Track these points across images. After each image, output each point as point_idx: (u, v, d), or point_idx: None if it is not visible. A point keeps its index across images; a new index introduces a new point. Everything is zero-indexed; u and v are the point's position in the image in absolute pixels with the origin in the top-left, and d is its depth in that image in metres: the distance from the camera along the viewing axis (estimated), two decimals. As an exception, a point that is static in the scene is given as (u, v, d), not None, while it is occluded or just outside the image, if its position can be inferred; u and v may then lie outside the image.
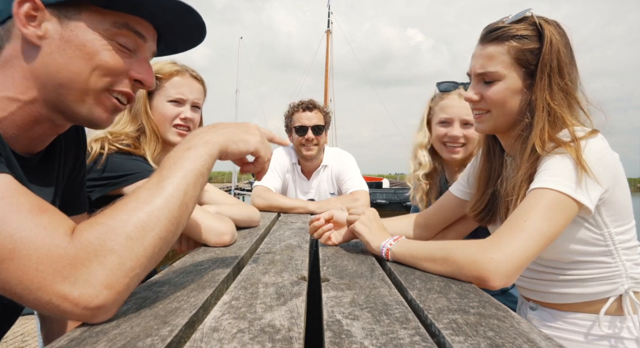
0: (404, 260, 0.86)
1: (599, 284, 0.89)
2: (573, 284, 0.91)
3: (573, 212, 0.79)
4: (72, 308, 0.46)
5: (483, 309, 0.60)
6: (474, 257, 0.74)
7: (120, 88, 0.67)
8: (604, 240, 0.87)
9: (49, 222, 0.48)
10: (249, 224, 1.34)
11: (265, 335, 0.47)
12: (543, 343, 0.48)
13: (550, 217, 0.76)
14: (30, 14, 0.59)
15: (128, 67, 0.66)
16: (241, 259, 0.89)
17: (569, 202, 0.78)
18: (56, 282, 0.45)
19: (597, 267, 0.88)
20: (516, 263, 0.72)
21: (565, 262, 0.90)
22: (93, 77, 0.63)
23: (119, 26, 0.63)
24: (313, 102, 2.19)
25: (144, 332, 0.47)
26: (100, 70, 0.63)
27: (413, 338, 0.48)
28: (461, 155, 1.50)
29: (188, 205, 0.58)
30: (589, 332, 0.89)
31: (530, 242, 0.74)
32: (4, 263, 0.45)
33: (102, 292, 0.47)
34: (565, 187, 0.78)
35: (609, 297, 0.88)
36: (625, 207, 0.88)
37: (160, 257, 0.55)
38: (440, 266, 0.79)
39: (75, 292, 0.46)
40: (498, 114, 0.95)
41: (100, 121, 0.68)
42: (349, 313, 0.56)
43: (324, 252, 1.02)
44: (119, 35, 0.64)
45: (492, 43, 0.92)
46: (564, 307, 0.94)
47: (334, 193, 2.24)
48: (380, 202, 18.50)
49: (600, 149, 0.83)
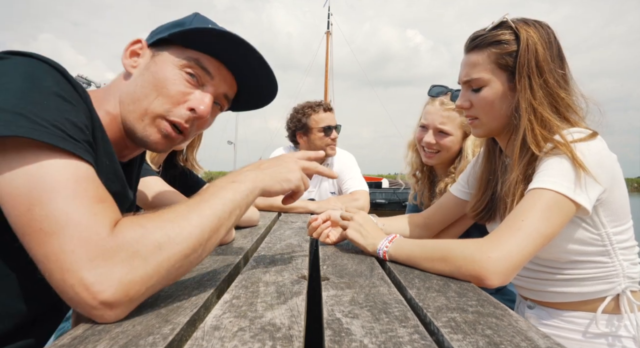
0: (402, 260, 0.87)
1: (596, 283, 0.89)
2: (570, 283, 0.91)
3: (570, 213, 0.80)
4: (89, 300, 0.47)
5: (481, 308, 0.60)
6: (472, 256, 0.74)
7: (174, 118, 0.72)
8: (602, 240, 0.88)
9: (101, 211, 0.51)
10: (247, 224, 1.35)
11: (265, 333, 0.48)
12: (541, 341, 0.48)
13: (548, 217, 0.77)
14: (134, 51, 0.74)
15: (187, 97, 0.72)
16: (242, 258, 0.89)
17: (566, 203, 0.78)
18: (84, 268, 0.47)
19: (595, 267, 0.89)
20: (513, 262, 0.73)
21: (563, 262, 0.91)
22: (156, 102, 0.70)
23: (189, 60, 0.72)
24: (328, 103, 2.23)
25: (145, 330, 0.48)
26: (163, 96, 0.70)
27: (412, 336, 0.49)
28: (434, 161, 1.55)
29: (219, 231, 0.59)
30: (586, 330, 0.90)
31: (527, 241, 0.75)
32: (52, 237, 0.47)
33: (117, 290, 0.48)
34: (563, 187, 0.78)
35: (606, 296, 0.89)
36: (623, 208, 0.89)
37: (178, 275, 0.56)
38: (438, 265, 0.79)
39: (95, 283, 0.47)
40: (488, 119, 0.98)
41: (151, 142, 0.73)
42: (348, 311, 0.57)
43: (324, 251, 1.02)
44: (187, 67, 0.72)
45: (474, 51, 0.96)
46: (562, 306, 0.94)
47: (334, 193, 2.24)
48: (380, 201, 18.52)
49: (598, 150, 0.83)
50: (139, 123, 0.71)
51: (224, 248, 1.00)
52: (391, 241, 0.91)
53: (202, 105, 0.72)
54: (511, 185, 0.90)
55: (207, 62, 0.73)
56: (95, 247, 0.48)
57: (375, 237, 0.96)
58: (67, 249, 0.47)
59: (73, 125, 0.54)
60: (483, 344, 0.47)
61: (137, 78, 0.72)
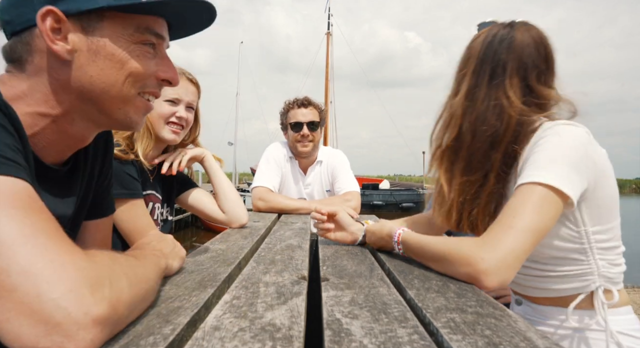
0: (411, 248, 0.89)
1: (571, 281, 0.89)
2: (550, 280, 0.91)
3: (560, 206, 0.79)
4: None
5: (480, 308, 0.61)
6: (467, 258, 0.74)
7: (149, 89, 0.69)
8: (580, 237, 0.87)
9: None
10: (237, 224, 1.39)
11: (265, 333, 0.48)
12: (539, 341, 0.49)
13: (540, 211, 0.76)
14: (54, 27, 0.58)
15: (155, 68, 0.68)
16: (242, 259, 0.89)
17: (556, 196, 0.78)
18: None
19: (571, 264, 0.89)
20: (508, 263, 0.72)
21: (544, 257, 0.91)
22: (126, 84, 0.64)
23: (142, 31, 0.64)
24: (308, 98, 2.18)
25: (146, 330, 0.48)
26: (132, 77, 0.64)
27: (411, 336, 0.49)
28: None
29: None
30: (560, 324, 0.90)
31: (520, 239, 0.74)
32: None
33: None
34: (552, 180, 0.78)
35: (580, 293, 0.89)
36: (609, 207, 0.88)
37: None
38: (440, 265, 0.80)
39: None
40: None
41: (135, 124, 0.70)
42: (348, 312, 0.57)
43: (324, 252, 1.03)
44: (142, 39, 0.64)
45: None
46: (544, 301, 0.95)
47: (329, 191, 2.24)
48: (377, 203, 18.53)
49: (584, 143, 0.83)
50: (116, 112, 0.66)
51: (224, 249, 1.00)
52: (403, 230, 0.95)
53: (174, 74, 0.70)
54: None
55: (156, 26, 0.66)
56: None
57: (389, 225, 0.99)
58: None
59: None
60: (482, 344, 0.47)
61: (87, 67, 0.61)
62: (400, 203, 18.31)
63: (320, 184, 2.24)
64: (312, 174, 2.22)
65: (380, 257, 0.96)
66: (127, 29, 0.62)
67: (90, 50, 0.61)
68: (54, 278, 0.40)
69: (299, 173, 2.22)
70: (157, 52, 0.68)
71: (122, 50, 0.62)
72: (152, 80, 0.68)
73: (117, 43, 0.62)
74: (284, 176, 2.19)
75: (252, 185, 2.11)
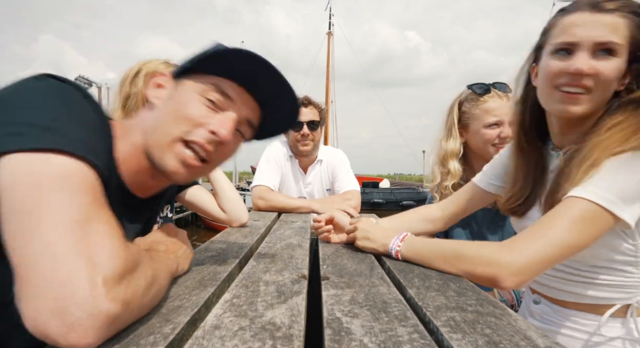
0: (416, 260, 0.87)
1: (613, 291, 0.86)
2: (587, 286, 0.88)
3: (607, 226, 0.74)
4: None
5: (480, 307, 0.61)
6: (489, 258, 0.73)
7: (193, 138, 0.68)
8: (636, 251, 0.83)
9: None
10: (237, 223, 1.39)
11: (266, 332, 0.48)
12: (539, 340, 0.49)
13: (580, 228, 0.72)
14: (160, 84, 0.73)
15: (208, 120, 0.69)
16: (242, 258, 0.90)
17: (603, 215, 0.73)
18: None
19: (615, 274, 0.85)
20: (530, 268, 0.71)
21: (586, 265, 0.87)
22: (174, 125, 0.68)
23: (209, 85, 0.70)
24: (308, 98, 2.17)
25: (146, 329, 0.48)
26: (180, 118, 0.68)
27: (412, 335, 0.49)
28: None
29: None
30: (589, 331, 0.89)
31: (549, 250, 0.72)
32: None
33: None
34: (605, 200, 0.72)
35: (615, 303, 0.86)
36: None
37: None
38: (453, 265, 0.79)
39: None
40: (599, 97, 0.82)
41: (169, 170, 0.68)
42: (348, 311, 0.57)
43: (324, 251, 1.03)
44: (207, 93, 0.70)
45: (611, 13, 0.78)
46: (570, 305, 0.92)
47: (329, 189, 2.24)
48: (377, 201, 18.55)
49: None
50: (157, 150, 0.68)
51: (224, 248, 1.00)
52: (402, 240, 0.91)
53: (223, 127, 0.69)
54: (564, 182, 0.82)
55: (227, 87, 0.71)
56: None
57: (385, 236, 0.95)
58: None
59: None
60: (482, 343, 0.47)
61: (160, 108, 0.71)
62: (401, 202, 18.33)
63: (320, 183, 2.24)
64: (312, 173, 2.23)
65: (380, 256, 0.96)
66: (201, 83, 0.71)
67: (169, 97, 0.72)
68: (79, 266, 0.43)
69: (299, 172, 2.22)
70: (224, 111, 0.71)
71: (186, 98, 0.70)
72: (200, 131, 0.68)
73: (187, 93, 0.70)
74: (284, 175, 2.19)
75: (252, 184, 2.10)
